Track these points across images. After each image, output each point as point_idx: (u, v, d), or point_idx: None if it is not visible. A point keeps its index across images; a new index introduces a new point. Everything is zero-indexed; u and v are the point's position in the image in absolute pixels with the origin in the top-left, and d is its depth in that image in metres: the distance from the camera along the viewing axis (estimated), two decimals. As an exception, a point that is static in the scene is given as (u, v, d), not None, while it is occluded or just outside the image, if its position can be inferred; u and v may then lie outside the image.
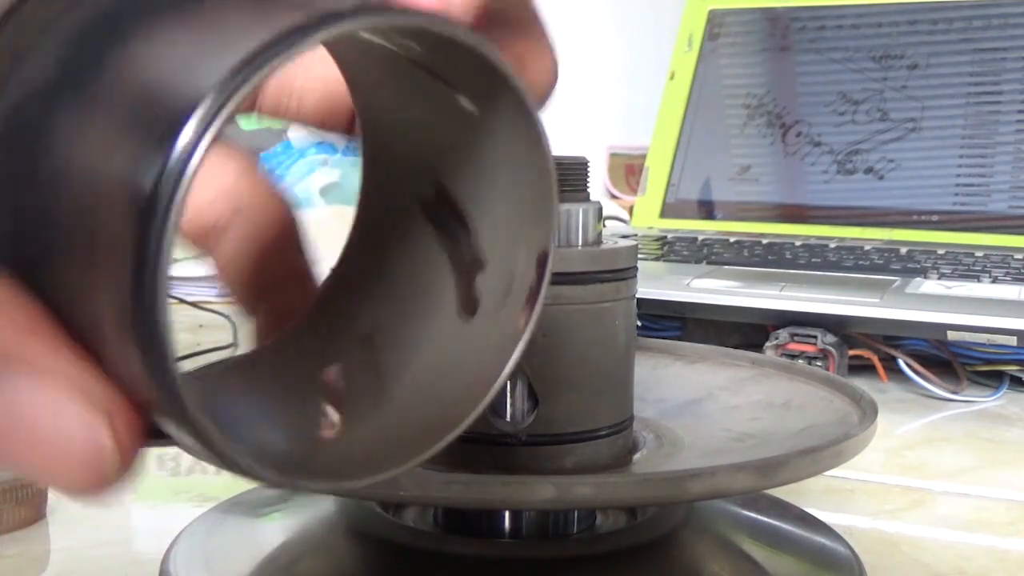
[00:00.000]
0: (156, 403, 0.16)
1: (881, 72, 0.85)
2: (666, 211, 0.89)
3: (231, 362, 0.24)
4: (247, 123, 0.27)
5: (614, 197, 1.41)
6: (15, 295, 0.17)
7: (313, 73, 0.24)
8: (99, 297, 0.16)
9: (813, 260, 0.72)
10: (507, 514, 0.32)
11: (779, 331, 0.62)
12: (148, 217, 0.14)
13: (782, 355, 0.60)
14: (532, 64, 0.23)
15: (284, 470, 0.18)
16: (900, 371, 0.62)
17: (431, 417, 0.21)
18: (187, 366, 0.19)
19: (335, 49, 0.22)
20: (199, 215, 0.23)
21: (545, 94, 0.23)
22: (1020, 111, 0.80)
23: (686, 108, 0.91)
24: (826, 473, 0.30)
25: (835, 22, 0.88)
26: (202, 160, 0.14)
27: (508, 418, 0.31)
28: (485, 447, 0.31)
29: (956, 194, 0.80)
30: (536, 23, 0.24)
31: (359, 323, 0.23)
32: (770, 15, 0.91)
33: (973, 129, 0.80)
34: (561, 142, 0.25)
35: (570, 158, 0.32)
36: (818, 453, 0.29)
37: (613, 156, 1.50)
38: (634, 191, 1.03)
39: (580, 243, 0.32)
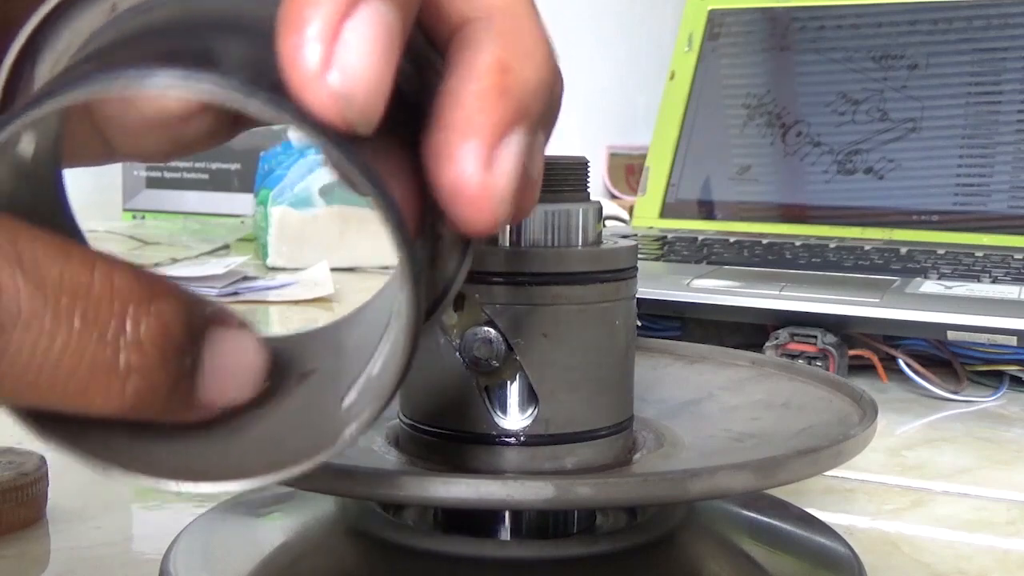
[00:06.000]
0: None
1: (881, 72, 0.85)
2: (666, 211, 0.89)
3: None
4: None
5: (614, 197, 1.41)
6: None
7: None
8: None
9: (813, 260, 0.72)
10: (507, 514, 0.32)
11: (779, 331, 0.62)
12: None
13: (782, 355, 0.60)
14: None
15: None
16: (900, 371, 0.62)
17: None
18: None
19: None
20: None
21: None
22: (1020, 111, 0.80)
23: (686, 108, 0.91)
24: (826, 473, 0.30)
25: (835, 22, 0.88)
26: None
27: (508, 418, 0.31)
28: (485, 447, 0.31)
29: (956, 194, 0.80)
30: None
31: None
32: (770, 15, 0.91)
33: (973, 129, 0.80)
34: (561, 142, 0.25)
35: (570, 158, 0.32)
36: (818, 453, 0.29)
37: (613, 156, 1.50)
38: (634, 191, 1.03)
39: (580, 243, 0.31)
